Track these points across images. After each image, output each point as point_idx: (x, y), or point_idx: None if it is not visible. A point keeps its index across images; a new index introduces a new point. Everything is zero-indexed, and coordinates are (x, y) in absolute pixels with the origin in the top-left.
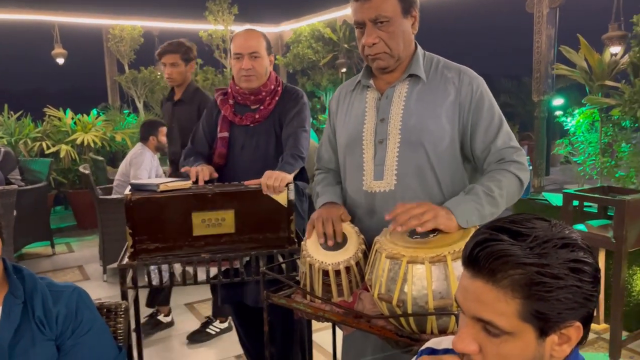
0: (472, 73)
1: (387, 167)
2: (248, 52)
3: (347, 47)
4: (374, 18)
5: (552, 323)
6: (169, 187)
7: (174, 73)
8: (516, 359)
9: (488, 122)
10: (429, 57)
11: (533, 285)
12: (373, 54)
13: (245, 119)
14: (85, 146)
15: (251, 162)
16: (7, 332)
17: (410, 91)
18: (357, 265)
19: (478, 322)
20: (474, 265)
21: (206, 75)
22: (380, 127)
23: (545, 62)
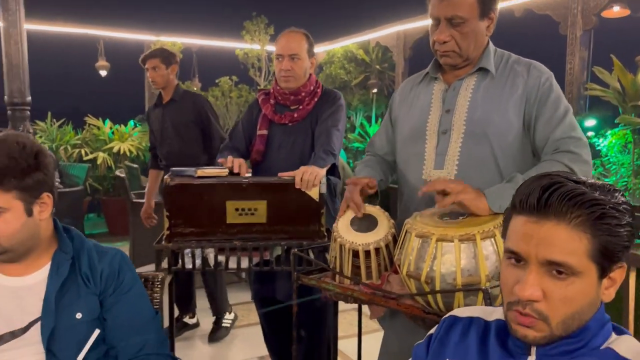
0: (542, 67)
1: (448, 157)
2: (288, 53)
3: (379, 69)
4: (450, 17)
5: (612, 261)
6: (206, 172)
7: (156, 76)
8: (579, 301)
9: (551, 114)
10: (500, 53)
11: (604, 220)
12: (442, 51)
13: (284, 117)
14: (121, 155)
15: (287, 161)
16: (55, 285)
17: (477, 84)
18: (386, 248)
19: (543, 267)
20: (542, 208)
21: (240, 93)
22: (444, 118)
23: (578, 83)
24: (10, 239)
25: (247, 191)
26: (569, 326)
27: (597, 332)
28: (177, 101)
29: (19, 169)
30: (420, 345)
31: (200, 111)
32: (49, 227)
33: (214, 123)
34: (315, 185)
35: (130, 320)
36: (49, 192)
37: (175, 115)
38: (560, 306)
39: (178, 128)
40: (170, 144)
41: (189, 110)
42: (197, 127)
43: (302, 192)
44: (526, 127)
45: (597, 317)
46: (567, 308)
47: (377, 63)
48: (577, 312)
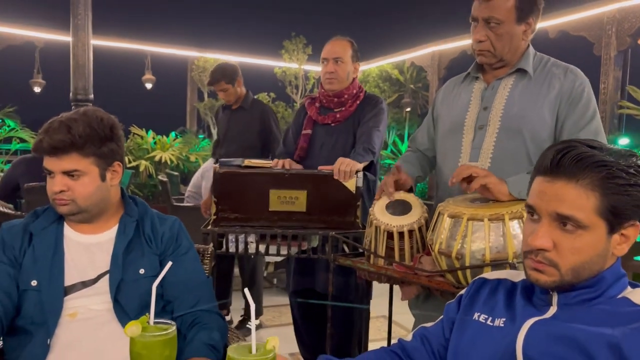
0: (579, 72)
1: (483, 150)
2: (332, 57)
3: (413, 88)
4: (487, 18)
5: (621, 219)
6: (252, 163)
7: (226, 96)
8: (588, 252)
9: (579, 116)
10: (539, 56)
11: (611, 180)
12: (478, 50)
13: (327, 118)
14: (162, 163)
15: (329, 159)
16: (122, 244)
17: (515, 84)
18: (419, 231)
19: (555, 220)
20: (556, 168)
21: (277, 109)
22: (482, 114)
23: (612, 102)
24: (86, 199)
25: (289, 181)
26: (579, 274)
27: (612, 283)
28: (246, 109)
29: (97, 137)
30: (452, 304)
31: (265, 121)
32: (117, 193)
33: (275, 133)
34: (351, 176)
35: (186, 280)
36: (120, 162)
37: (240, 121)
38: (569, 255)
39: (241, 133)
40: (229, 146)
41: (255, 119)
42: (259, 135)
43: (340, 184)
44: (558, 126)
45: (614, 269)
46: (576, 257)
47: (411, 82)
48: (585, 262)
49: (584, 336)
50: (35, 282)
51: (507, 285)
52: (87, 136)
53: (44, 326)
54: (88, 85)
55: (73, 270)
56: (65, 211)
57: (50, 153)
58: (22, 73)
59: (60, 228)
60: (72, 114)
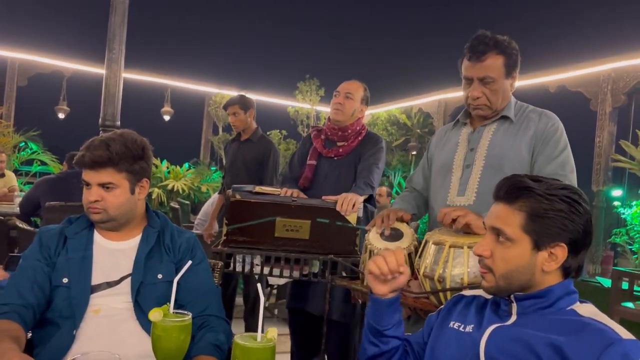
0: (552, 115)
1: (469, 185)
2: (344, 91)
3: (420, 133)
4: (482, 77)
5: (544, 238)
6: (263, 190)
7: (236, 121)
8: (515, 262)
9: (550, 151)
10: (519, 104)
11: (535, 205)
12: (475, 105)
13: (331, 151)
14: (174, 192)
15: (332, 190)
16: (144, 251)
17: (498, 128)
18: (409, 257)
19: (492, 233)
20: (499, 194)
21: (288, 146)
22: (469, 155)
23: (606, 155)
24: (117, 209)
25: (295, 211)
26: (509, 281)
27: (562, 297)
28: (254, 142)
29: (131, 155)
30: (433, 315)
31: (268, 155)
32: (142, 207)
33: (270, 169)
34: (353, 211)
35: (198, 286)
36: (148, 178)
37: (247, 153)
38: (501, 263)
39: (247, 164)
40: (236, 175)
41: (260, 152)
42: (260, 166)
43: (341, 215)
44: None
45: (563, 285)
46: (506, 266)
47: (418, 127)
48: (513, 270)
49: (535, 340)
50: (66, 279)
51: (480, 300)
52: (122, 154)
53: (71, 319)
54: (116, 113)
55: (99, 271)
56: (97, 219)
57: (90, 167)
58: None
59: (90, 234)
60: (111, 134)
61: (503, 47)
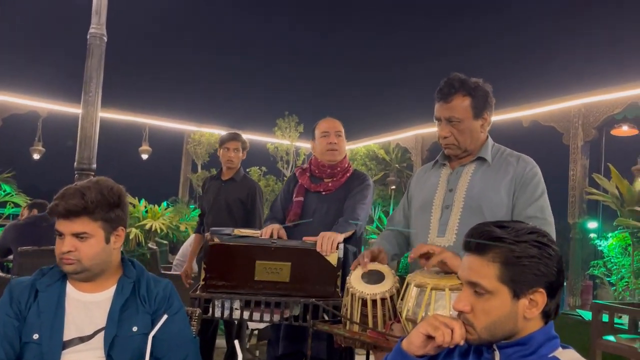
0: (530, 160)
1: (449, 226)
2: (334, 130)
3: (398, 167)
4: (448, 117)
5: (521, 286)
6: (242, 232)
7: (235, 158)
8: (496, 313)
9: (529, 195)
10: (497, 147)
11: (508, 254)
12: (444, 144)
13: (319, 186)
14: (152, 232)
15: (321, 225)
16: (119, 302)
17: (476, 169)
18: (391, 300)
19: (470, 287)
20: (469, 246)
21: (268, 182)
22: (448, 195)
23: (580, 188)
24: (91, 259)
25: (275, 253)
26: (492, 332)
27: (543, 343)
28: (237, 181)
29: (106, 204)
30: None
31: (253, 196)
32: (118, 256)
33: (257, 209)
34: (333, 251)
35: (175, 337)
36: (123, 227)
37: (231, 193)
38: (481, 316)
39: (229, 204)
40: (218, 215)
41: (244, 192)
42: (245, 207)
43: (322, 256)
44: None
45: (544, 331)
46: (487, 318)
47: (396, 162)
48: (495, 321)
49: None
50: (37, 335)
51: (462, 347)
52: (98, 202)
53: None
54: (92, 156)
55: (72, 325)
56: (70, 270)
57: (64, 216)
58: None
59: (63, 286)
60: (86, 182)
61: (470, 89)
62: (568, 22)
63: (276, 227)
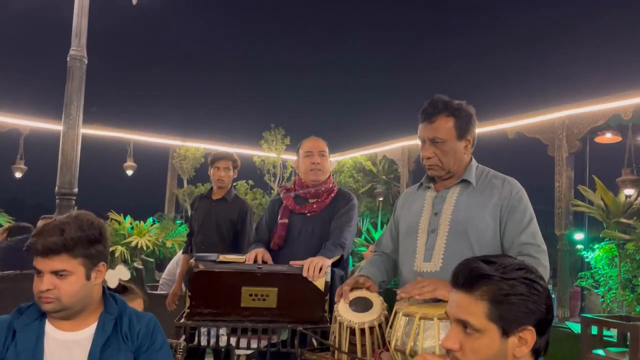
0: (515, 182)
1: (435, 251)
2: (318, 150)
3: (385, 179)
4: (432, 138)
5: (510, 323)
6: (227, 258)
7: (226, 177)
8: (485, 351)
9: (519, 220)
10: (481, 168)
11: (496, 292)
12: (428, 165)
13: (304, 208)
14: (139, 249)
15: (307, 246)
16: (100, 340)
17: (461, 192)
18: (379, 328)
19: (458, 325)
20: (457, 283)
21: (255, 196)
22: (433, 219)
23: (566, 199)
24: (71, 297)
25: (261, 279)
26: None
27: None
28: (229, 201)
29: (86, 239)
30: None
31: (243, 216)
32: (99, 292)
33: (247, 230)
34: (321, 276)
35: None
36: (105, 262)
37: (221, 213)
38: (470, 355)
39: (220, 224)
40: (207, 235)
41: (234, 212)
42: (234, 228)
43: (309, 281)
44: (501, 230)
45: None
46: (476, 356)
47: (383, 174)
48: None
49: None
50: None
51: None
52: (77, 238)
53: None
54: (74, 180)
55: None
56: (50, 309)
57: (42, 254)
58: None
59: (42, 325)
60: (65, 217)
61: (453, 110)
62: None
63: (261, 251)
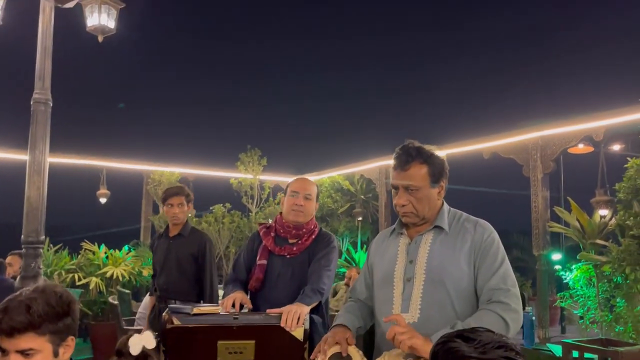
0: (486, 225)
1: (412, 301)
2: (304, 192)
3: (364, 198)
4: (406, 185)
5: None
6: (201, 310)
7: (180, 213)
8: None
9: (490, 264)
10: (453, 212)
11: None
12: (402, 212)
13: (283, 250)
14: (114, 279)
15: (286, 289)
16: None
17: (434, 239)
18: None
19: None
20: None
21: (233, 218)
22: (409, 267)
23: (543, 220)
24: None
25: (237, 332)
26: None
27: None
28: (185, 236)
29: (54, 315)
30: None
31: (203, 250)
32: None
33: (208, 263)
34: (299, 325)
35: None
36: (73, 335)
37: (180, 250)
38: None
39: (180, 262)
40: (169, 274)
41: (193, 246)
42: (196, 262)
43: (287, 331)
44: (474, 274)
45: None
46: None
47: (361, 193)
48: None
49: None
50: None
51: None
52: (45, 314)
53: None
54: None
55: None
56: None
57: (8, 334)
58: None
59: None
60: (31, 292)
61: (426, 157)
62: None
63: (238, 296)
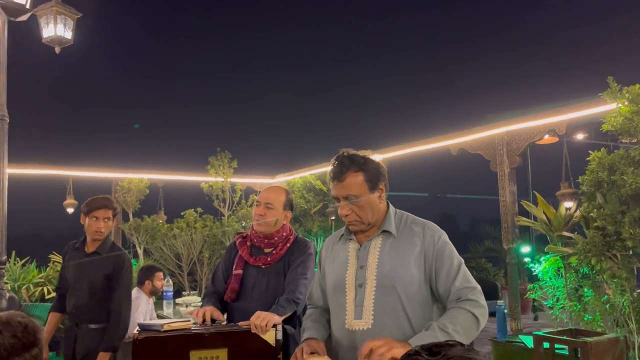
0: (434, 227)
1: (365, 307)
2: (264, 201)
3: None
4: (345, 196)
5: None
6: (171, 327)
7: (105, 228)
8: None
9: (448, 267)
10: (399, 214)
11: None
12: (347, 222)
13: (258, 260)
14: None
15: (261, 300)
16: None
17: (383, 243)
18: None
19: None
20: None
21: (205, 223)
22: (359, 273)
23: (511, 214)
24: None
25: (209, 340)
26: None
27: None
28: (102, 255)
29: (20, 346)
30: None
31: (119, 271)
32: None
33: (121, 287)
34: (268, 330)
35: None
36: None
37: (94, 271)
38: None
39: (92, 284)
40: (79, 297)
41: (108, 267)
42: (108, 282)
43: (260, 338)
44: (428, 279)
45: None
46: None
47: None
48: None
49: None
50: None
51: None
52: (11, 347)
53: None
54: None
55: None
56: None
57: None
58: None
59: None
60: None
61: (360, 165)
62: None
63: (209, 309)
